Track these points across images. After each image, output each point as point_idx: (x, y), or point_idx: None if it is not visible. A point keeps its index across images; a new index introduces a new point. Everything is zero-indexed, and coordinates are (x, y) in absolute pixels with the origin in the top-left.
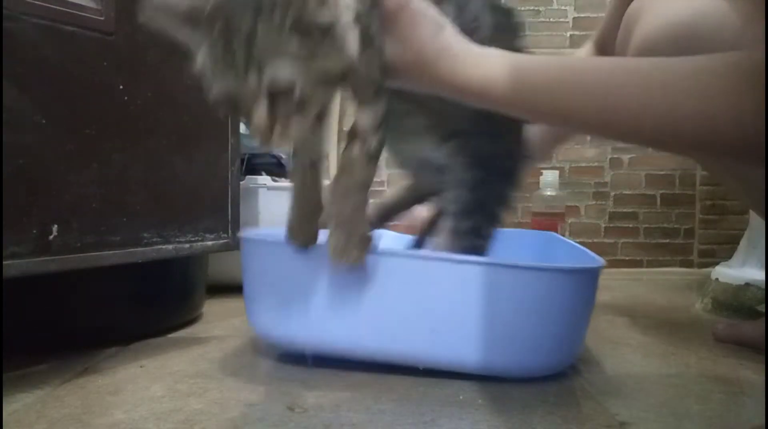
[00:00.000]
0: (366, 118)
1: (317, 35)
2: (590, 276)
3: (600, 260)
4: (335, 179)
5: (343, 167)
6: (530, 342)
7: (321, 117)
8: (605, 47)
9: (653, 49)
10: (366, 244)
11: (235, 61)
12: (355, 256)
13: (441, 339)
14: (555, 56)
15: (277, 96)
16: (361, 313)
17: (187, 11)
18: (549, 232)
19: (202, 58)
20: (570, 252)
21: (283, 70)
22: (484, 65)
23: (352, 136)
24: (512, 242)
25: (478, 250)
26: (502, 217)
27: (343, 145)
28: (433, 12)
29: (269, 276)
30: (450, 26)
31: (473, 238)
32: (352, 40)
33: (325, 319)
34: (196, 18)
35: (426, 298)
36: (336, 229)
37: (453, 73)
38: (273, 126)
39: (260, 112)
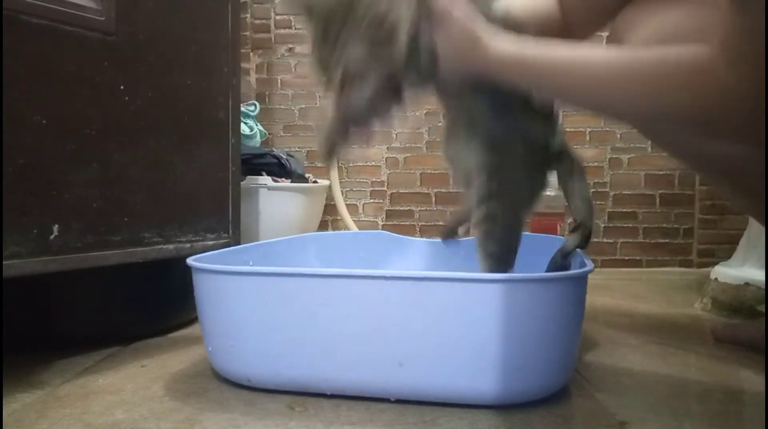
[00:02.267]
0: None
1: (382, 33)
2: (577, 283)
3: (588, 265)
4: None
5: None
6: (515, 363)
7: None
8: (566, 12)
9: None
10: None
11: (327, 42)
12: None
13: (410, 371)
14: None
15: (348, 68)
16: (324, 343)
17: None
18: (552, 236)
19: (311, 39)
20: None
21: (355, 51)
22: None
23: None
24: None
25: (501, 257)
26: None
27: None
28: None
29: (224, 307)
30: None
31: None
32: (403, 46)
33: (284, 354)
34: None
35: (390, 324)
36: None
37: (486, 50)
38: (344, 88)
39: (337, 74)
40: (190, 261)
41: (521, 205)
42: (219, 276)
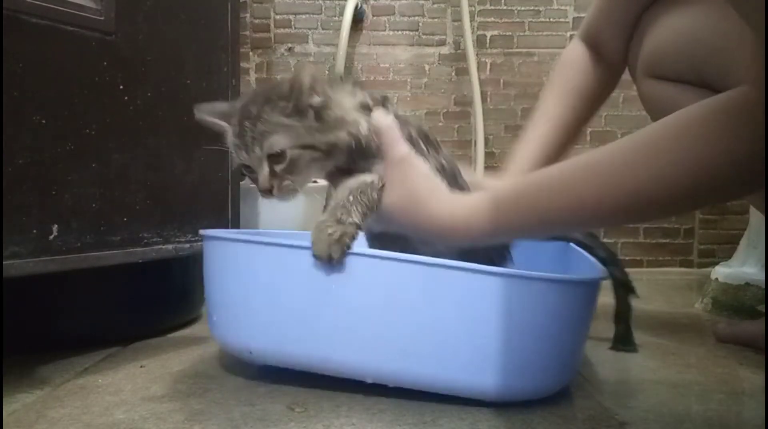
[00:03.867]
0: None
1: (310, 115)
2: (586, 288)
3: (600, 271)
4: (348, 181)
5: (358, 180)
6: (519, 361)
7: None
8: (598, 44)
9: (662, 60)
10: (349, 240)
11: (245, 139)
12: (337, 250)
13: (413, 360)
14: (528, 178)
15: (274, 161)
16: (326, 321)
17: (224, 111)
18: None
19: (229, 140)
20: (578, 262)
21: (277, 141)
22: (467, 203)
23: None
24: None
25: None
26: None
27: None
28: (425, 166)
29: (232, 276)
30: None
31: None
32: (341, 129)
33: (289, 328)
34: (229, 114)
35: (397, 306)
36: (327, 217)
37: (439, 210)
38: (273, 183)
39: (264, 173)
40: (202, 231)
41: None
42: (232, 244)
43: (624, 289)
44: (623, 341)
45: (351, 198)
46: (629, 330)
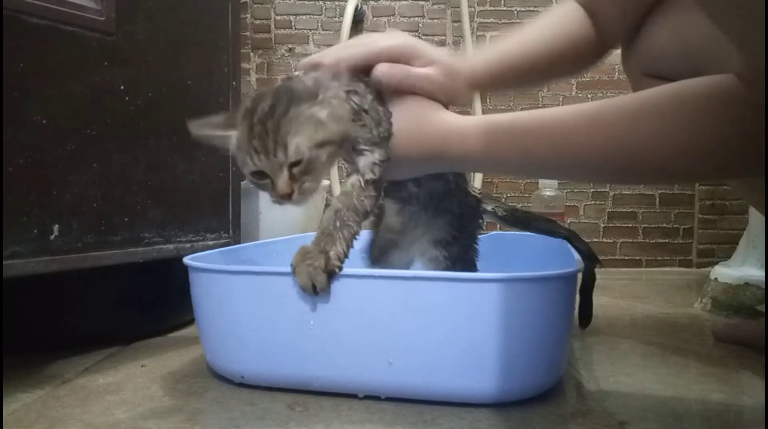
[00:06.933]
0: (364, 160)
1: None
2: (567, 282)
3: (574, 264)
4: (333, 200)
5: (342, 193)
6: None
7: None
8: (594, 13)
9: (661, 59)
10: (333, 270)
11: (266, 144)
12: (322, 281)
13: (400, 370)
14: (521, 113)
15: (293, 164)
16: (313, 342)
17: (223, 121)
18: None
19: (236, 146)
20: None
21: (301, 144)
22: (464, 117)
23: (353, 170)
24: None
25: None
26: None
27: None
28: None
29: (218, 305)
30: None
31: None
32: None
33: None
34: (229, 123)
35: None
36: (312, 247)
37: (445, 114)
38: (293, 188)
39: (284, 178)
40: (186, 259)
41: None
42: (213, 274)
43: (589, 259)
44: (582, 312)
45: (338, 223)
46: (590, 302)
